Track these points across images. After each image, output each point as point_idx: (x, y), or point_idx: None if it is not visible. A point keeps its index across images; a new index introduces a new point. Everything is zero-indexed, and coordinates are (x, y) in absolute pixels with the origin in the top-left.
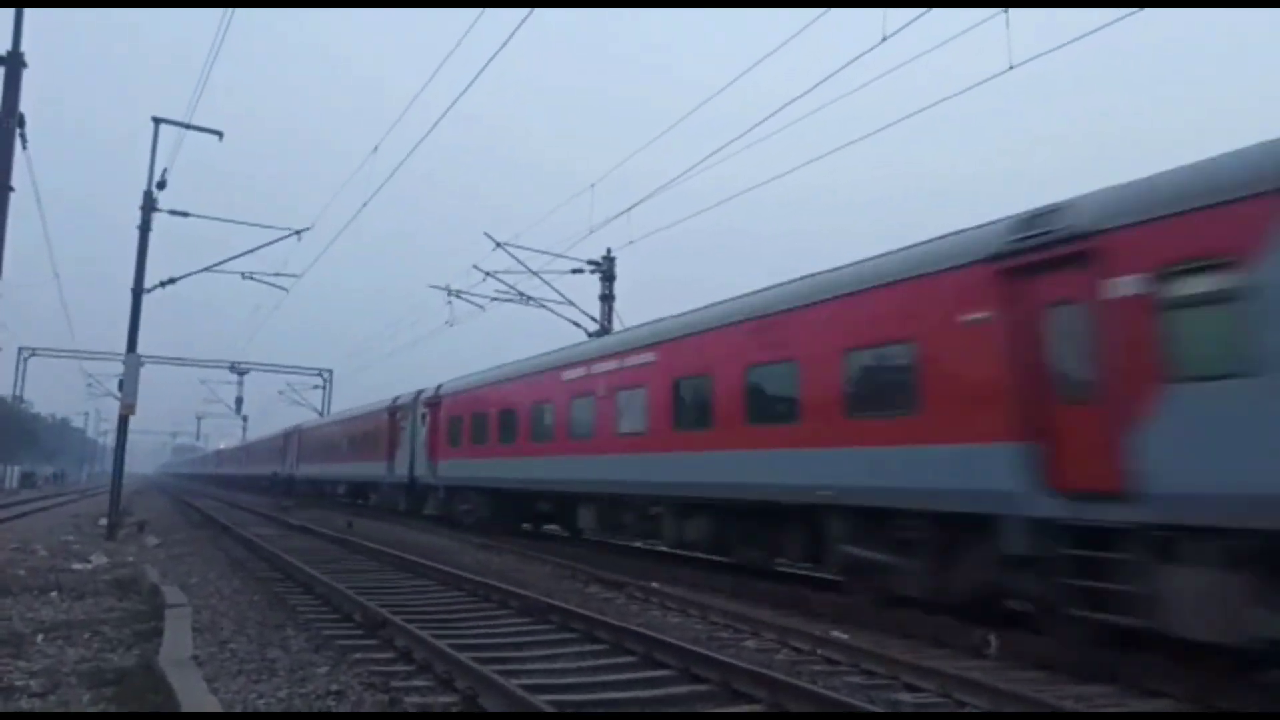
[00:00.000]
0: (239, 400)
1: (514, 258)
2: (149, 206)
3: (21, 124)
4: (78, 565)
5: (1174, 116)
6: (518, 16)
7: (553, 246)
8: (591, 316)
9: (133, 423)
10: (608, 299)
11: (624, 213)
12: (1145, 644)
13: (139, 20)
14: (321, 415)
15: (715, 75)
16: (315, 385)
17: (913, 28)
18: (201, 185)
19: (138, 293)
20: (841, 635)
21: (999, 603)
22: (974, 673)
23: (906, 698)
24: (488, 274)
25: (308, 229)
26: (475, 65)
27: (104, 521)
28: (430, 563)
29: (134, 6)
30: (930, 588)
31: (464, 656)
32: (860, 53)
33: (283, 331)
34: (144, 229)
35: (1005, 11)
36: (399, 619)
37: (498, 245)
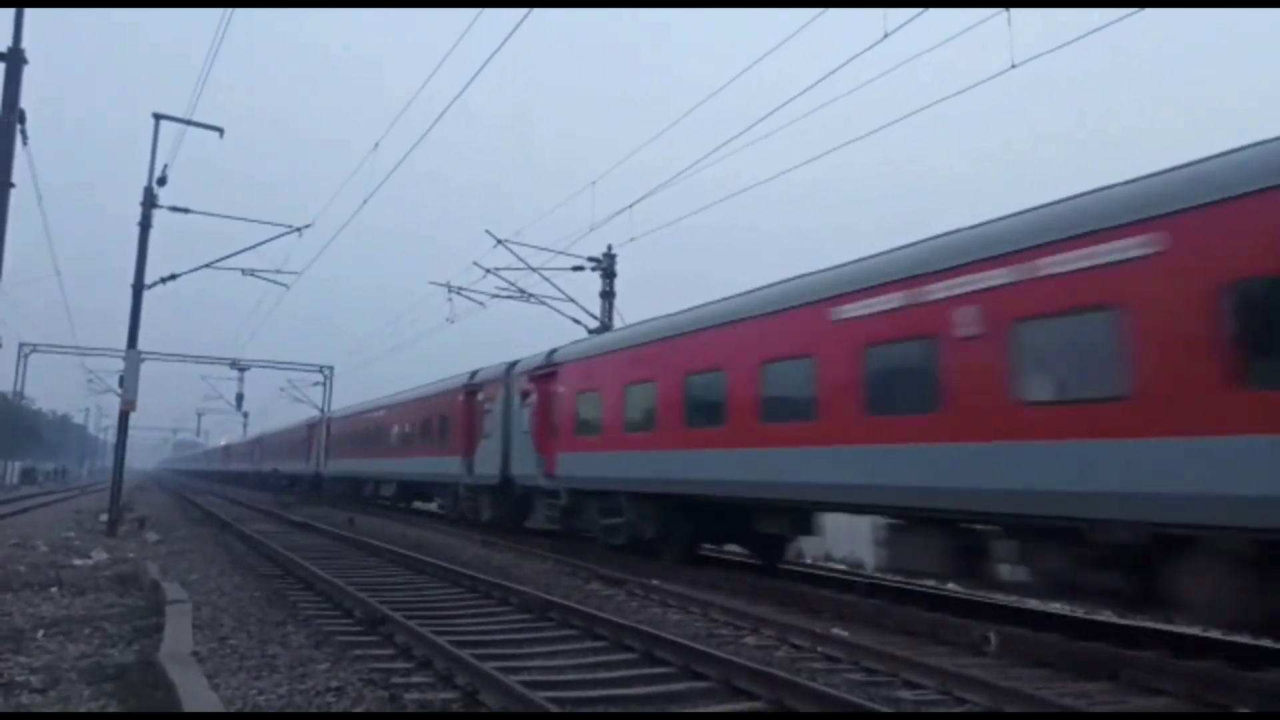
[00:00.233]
0: (239, 396)
1: (515, 255)
2: (149, 203)
3: (22, 120)
4: (78, 561)
5: (1174, 117)
6: (517, 16)
7: (554, 244)
8: (592, 314)
9: (133, 419)
10: (608, 296)
11: (625, 209)
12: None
13: (139, 20)
14: (323, 411)
15: (716, 73)
16: (316, 382)
17: (914, 26)
18: (202, 182)
19: (138, 289)
20: (841, 632)
21: None
22: (974, 670)
23: (906, 695)
24: (488, 271)
25: (309, 226)
26: (475, 63)
27: (105, 517)
28: (430, 559)
29: (134, 6)
30: None
31: (464, 653)
32: (861, 50)
33: (283, 328)
34: (144, 225)
35: (1007, 11)
36: (399, 615)
37: (498, 242)
